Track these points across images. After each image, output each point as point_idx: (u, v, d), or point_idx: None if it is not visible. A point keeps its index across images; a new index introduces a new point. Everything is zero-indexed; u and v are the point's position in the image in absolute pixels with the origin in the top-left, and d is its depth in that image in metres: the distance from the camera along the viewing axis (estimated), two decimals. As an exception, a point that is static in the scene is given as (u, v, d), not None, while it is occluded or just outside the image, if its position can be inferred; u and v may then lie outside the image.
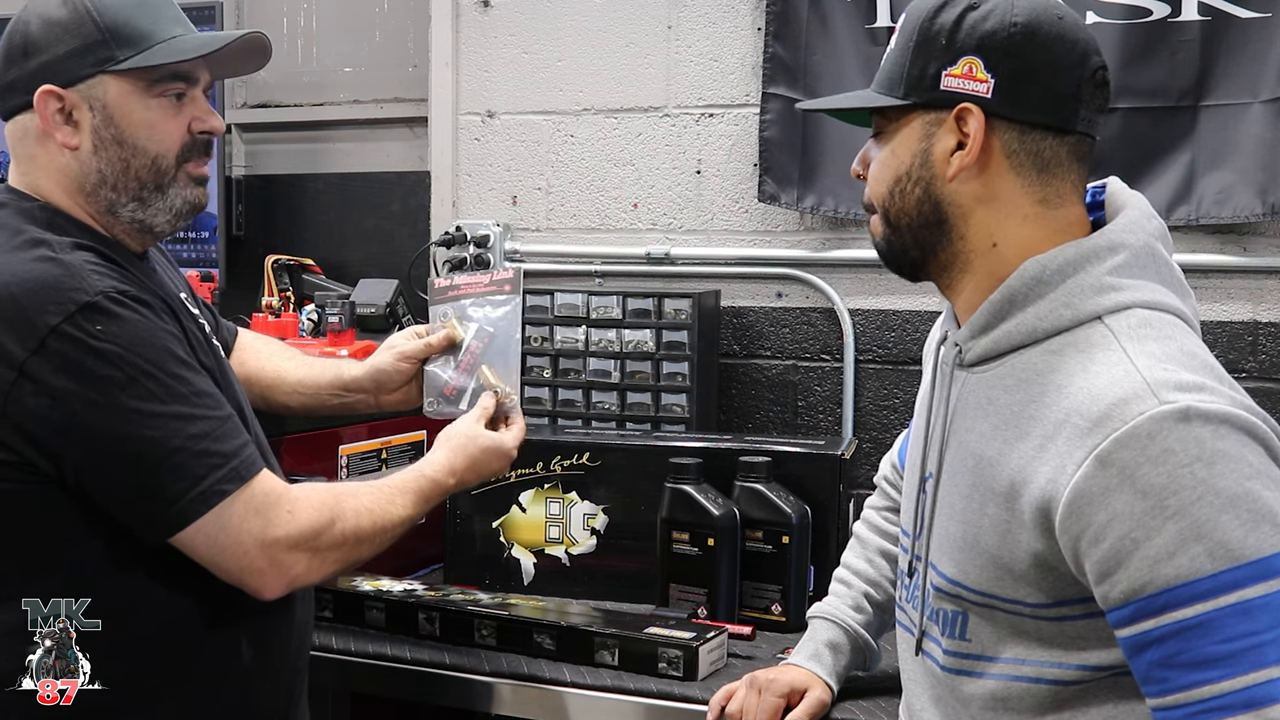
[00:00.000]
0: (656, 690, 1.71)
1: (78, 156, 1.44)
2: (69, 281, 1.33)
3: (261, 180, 3.08)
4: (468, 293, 1.80)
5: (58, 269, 1.34)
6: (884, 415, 2.51)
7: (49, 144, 1.44)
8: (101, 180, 1.45)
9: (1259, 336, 2.28)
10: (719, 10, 2.60)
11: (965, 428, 1.25)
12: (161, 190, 1.47)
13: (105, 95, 1.43)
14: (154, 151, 1.46)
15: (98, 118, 1.43)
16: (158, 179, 1.47)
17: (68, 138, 1.43)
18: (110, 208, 1.46)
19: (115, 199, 1.46)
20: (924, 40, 1.23)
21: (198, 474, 1.34)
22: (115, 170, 1.45)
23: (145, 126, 1.45)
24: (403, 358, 1.76)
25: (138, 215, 1.47)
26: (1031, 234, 1.22)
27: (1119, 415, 1.07)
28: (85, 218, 1.46)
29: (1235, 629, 1.02)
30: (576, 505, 2.12)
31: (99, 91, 1.43)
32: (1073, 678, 1.17)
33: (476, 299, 1.79)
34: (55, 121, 1.43)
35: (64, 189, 1.45)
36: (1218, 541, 1.03)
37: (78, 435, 1.31)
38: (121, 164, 1.45)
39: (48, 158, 1.45)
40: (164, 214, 1.48)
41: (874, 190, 1.29)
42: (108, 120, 1.44)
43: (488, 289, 1.79)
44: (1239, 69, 2.22)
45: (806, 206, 2.51)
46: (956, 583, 1.24)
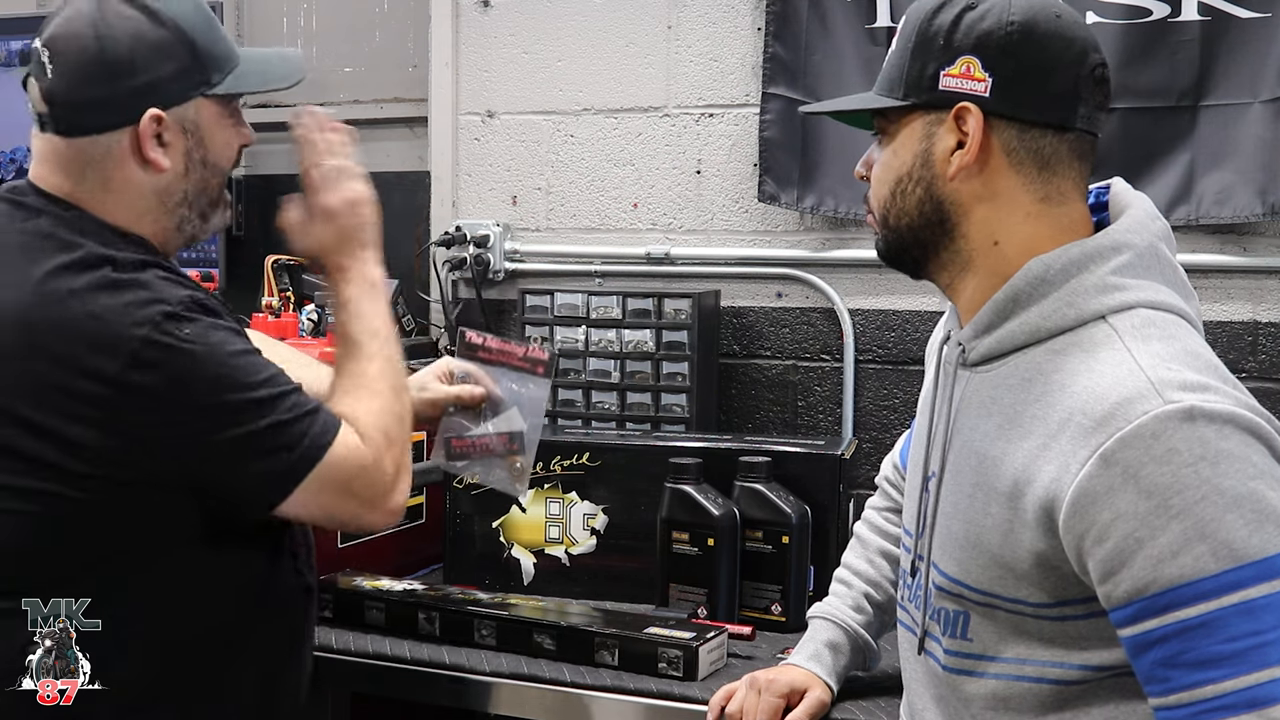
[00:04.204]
0: (656, 690, 1.71)
1: (164, 177, 1.44)
2: (146, 294, 1.35)
3: (261, 180, 3.07)
4: (500, 361, 1.78)
5: (133, 285, 1.36)
6: (884, 415, 2.51)
7: (130, 164, 1.43)
8: (183, 199, 1.46)
9: (1259, 336, 2.28)
10: (719, 10, 2.60)
11: (969, 427, 1.25)
12: (215, 205, 1.51)
13: (199, 117, 1.45)
14: (225, 170, 1.50)
15: (190, 140, 1.45)
16: (219, 194, 1.51)
17: (159, 159, 1.43)
18: (179, 224, 1.48)
19: (187, 215, 1.48)
20: (922, 41, 1.23)
21: (294, 439, 1.39)
22: (197, 190, 1.47)
23: (224, 147, 1.49)
24: (433, 406, 1.75)
25: (195, 230, 1.50)
26: (1033, 232, 1.22)
27: (1123, 414, 1.07)
28: (141, 232, 1.46)
29: (1239, 629, 1.02)
30: (576, 505, 2.12)
31: (191, 113, 1.45)
32: (1075, 678, 1.17)
33: (508, 371, 1.77)
34: (151, 144, 1.42)
35: (132, 208, 1.44)
36: (1221, 541, 1.03)
37: (184, 432, 1.35)
38: (203, 184, 1.48)
39: (126, 177, 1.43)
40: (211, 228, 1.53)
41: (876, 192, 1.30)
42: (199, 142, 1.46)
43: (521, 364, 1.77)
44: (1239, 69, 2.22)
45: (806, 206, 2.51)
46: (958, 582, 1.24)
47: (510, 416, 1.75)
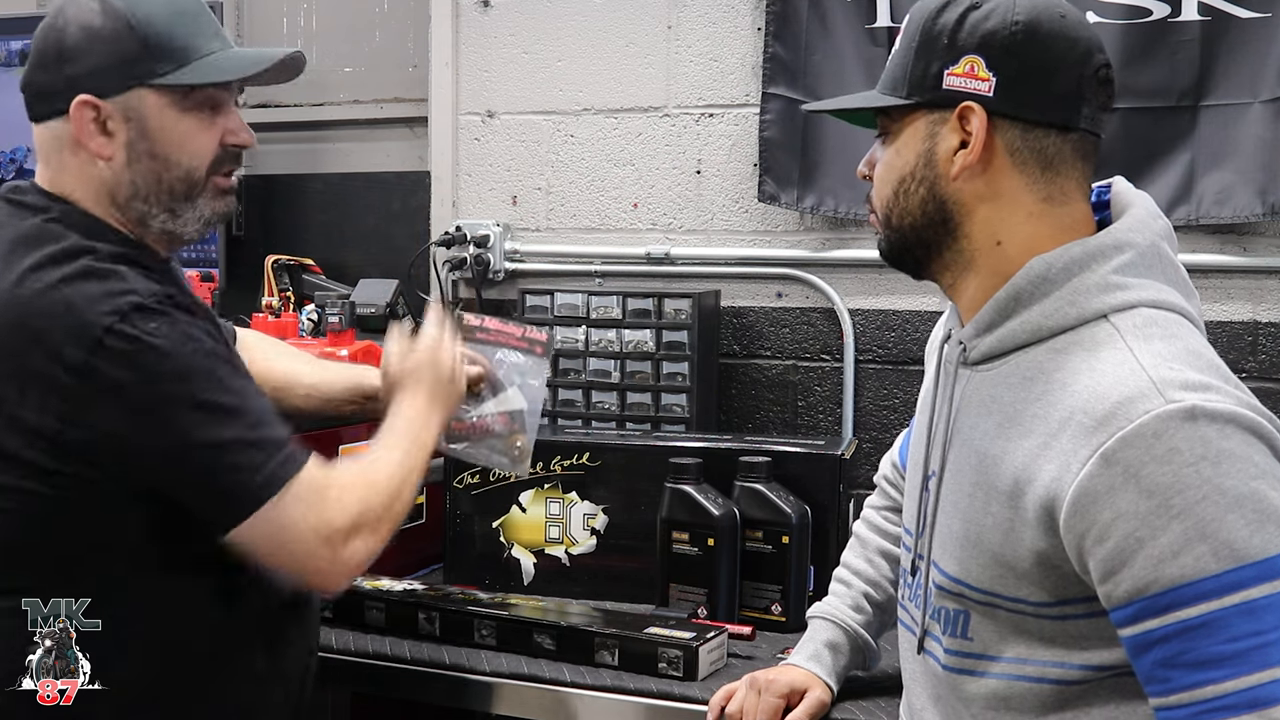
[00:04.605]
0: (656, 690, 1.71)
1: (110, 167, 1.43)
2: (120, 285, 1.34)
3: (261, 180, 3.07)
4: (498, 341, 1.78)
5: (109, 275, 1.35)
6: (884, 415, 2.51)
7: (81, 152, 1.43)
8: (134, 192, 1.45)
9: (1259, 336, 2.28)
10: (719, 10, 2.60)
11: (969, 426, 1.25)
12: (191, 201, 1.47)
13: (141, 108, 1.43)
14: (186, 165, 1.46)
15: (133, 130, 1.43)
16: (189, 191, 1.47)
17: (101, 148, 1.42)
18: (141, 218, 1.46)
19: (146, 210, 1.46)
20: (926, 40, 1.23)
21: (256, 462, 1.36)
22: (148, 182, 1.45)
23: (179, 140, 1.45)
24: None
25: (168, 225, 1.47)
26: (1036, 231, 1.22)
27: (1124, 414, 1.07)
28: (116, 225, 1.46)
29: (1240, 629, 1.02)
30: (576, 505, 2.12)
31: (135, 104, 1.42)
32: (1075, 677, 1.17)
33: (507, 351, 1.77)
34: (90, 131, 1.42)
35: (95, 197, 1.45)
36: (1223, 541, 1.03)
37: (144, 429, 1.33)
38: (154, 176, 1.45)
39: (79, 166, 1.44)
40: (193, 224, 1.49)
41: (879, 191, 1.30)
42: (143, 133, 1.43)
43: (519, 343, 1.78)
44: (1239, 69, 2.22)
45: (806, 206, 2.51)
46: (959, 581, 1.24)
47: (510, 396, 1.75)
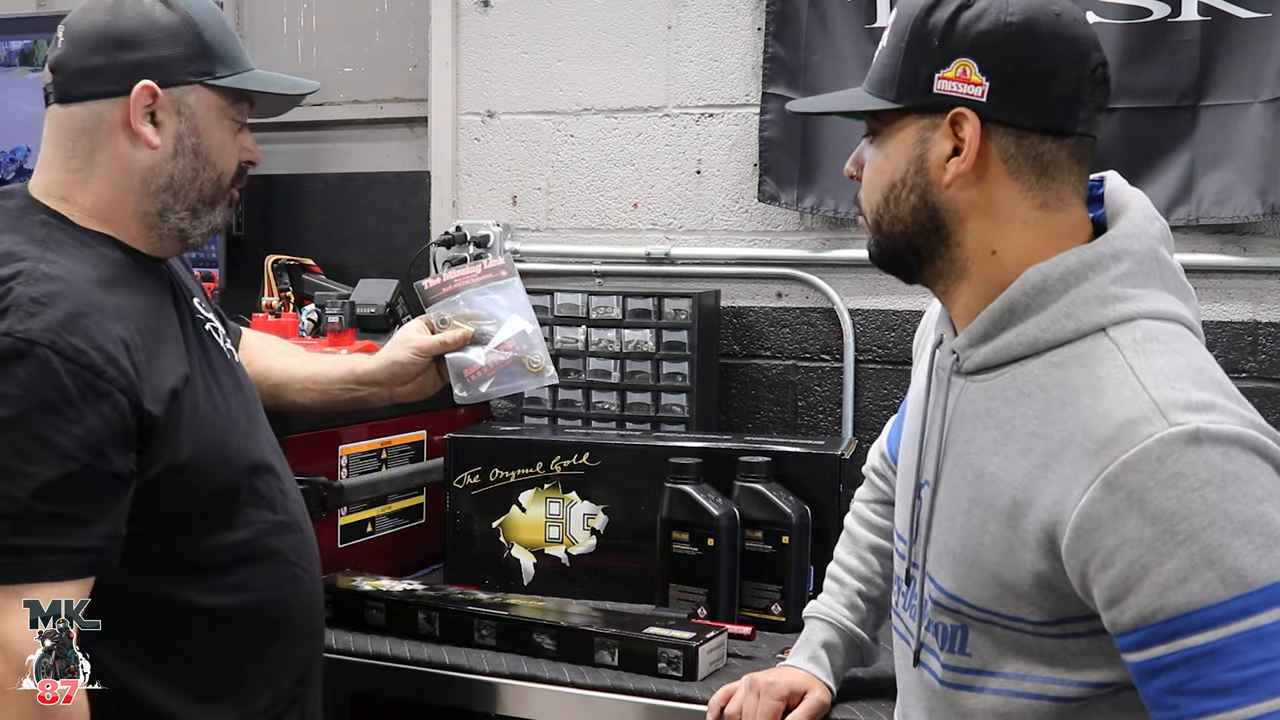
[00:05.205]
0: (656, 690, 1.71)
1: (153, 156, 1.45)
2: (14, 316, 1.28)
3: (261, 180, 3.07)
4: (464, 285, 1.78)
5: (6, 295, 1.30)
6: (884, 415, 2.50)
7: (119, 137, 1.44)
8: (168, 183, 1.46)
9: (1259, 336, 2.28)
10: (719, 10, 2.60)
11: (964, 439, 1.22)
12: (212, 205, 1.51)
13: (196, 105, 1.46)
14: (219, 169, 1.49)
15: (184, 124, 1.45)
16: (214, 195, 1.50)
17: (150, 136, 1.44)
18: (161, 212, 1.47)
19: (171, 204, 1.47)
20: (916, 40, 1.19)
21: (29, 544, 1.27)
22: (184, 178, 1.47)
23: (219, 143, 1.49)
24: (419, 352, 1.74)
25: (183, 225, 1.48)
26: (1031, 239, 1.18)
27: (1127, 438, 1.04)
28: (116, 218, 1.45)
29: (1248, 656, 0.99)
30: (576, 505, 2.12)
31: (191, 99, 1.45)
32: (1075, 694, 1.14)
33: (477, 289, 1.78)
34: (143, 118, 1.43)
35: (116, 184, 1.45)
36: (1230, 567, 1.00)
37: None
38: (192, 173, 1.47)
39: (114, 151, 1.44)
40: (203, 228, 1.51)
41: (868, 195, 1.26)
42: (192, 129, 1.46)
43: (484, 277, 1.78)
44: (1239, 69, 2.22)
45: (806, 206, 2.51)
46: (956, 598, 1.21)
47: (507, 325, 1.75)
